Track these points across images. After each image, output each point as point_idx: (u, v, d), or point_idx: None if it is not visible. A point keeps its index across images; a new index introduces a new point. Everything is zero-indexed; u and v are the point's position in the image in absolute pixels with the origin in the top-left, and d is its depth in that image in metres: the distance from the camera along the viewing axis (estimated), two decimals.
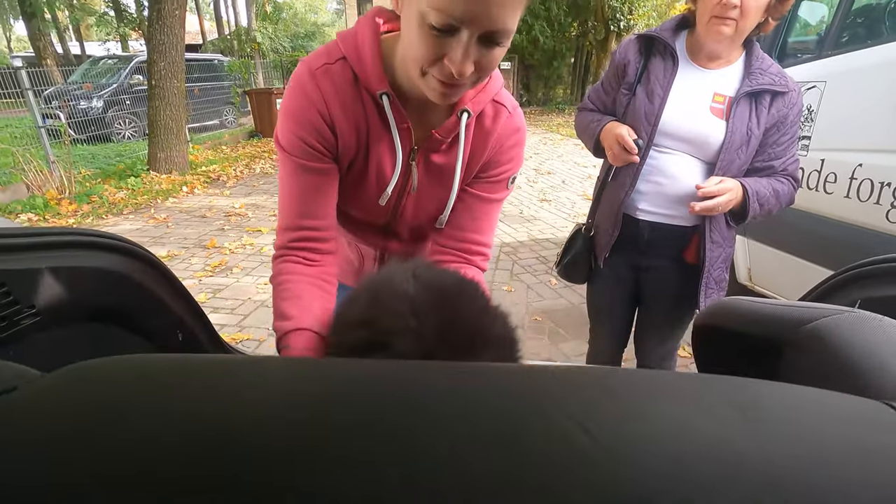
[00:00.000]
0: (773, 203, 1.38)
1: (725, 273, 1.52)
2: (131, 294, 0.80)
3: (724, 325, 0.59)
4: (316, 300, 0.84)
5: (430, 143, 0.87)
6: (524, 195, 6.18)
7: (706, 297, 1.47)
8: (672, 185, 1.42)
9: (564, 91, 16.61)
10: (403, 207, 0.97)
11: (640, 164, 1.43)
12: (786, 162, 1.40)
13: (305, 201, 0.85)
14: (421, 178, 0.91)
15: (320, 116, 0.80)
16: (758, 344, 0.55)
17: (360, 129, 0.84)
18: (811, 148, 2.33)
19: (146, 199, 5.81)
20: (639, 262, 1.56)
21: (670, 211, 1.45)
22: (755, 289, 2.85)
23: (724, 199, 1.31)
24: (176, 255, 4.16)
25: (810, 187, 2.33)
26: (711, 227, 1.42)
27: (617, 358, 1.82)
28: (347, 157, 0.87)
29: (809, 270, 2.34)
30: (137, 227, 4.88)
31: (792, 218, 2.44)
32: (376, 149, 0.87)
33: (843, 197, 2.16)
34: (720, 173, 1.36)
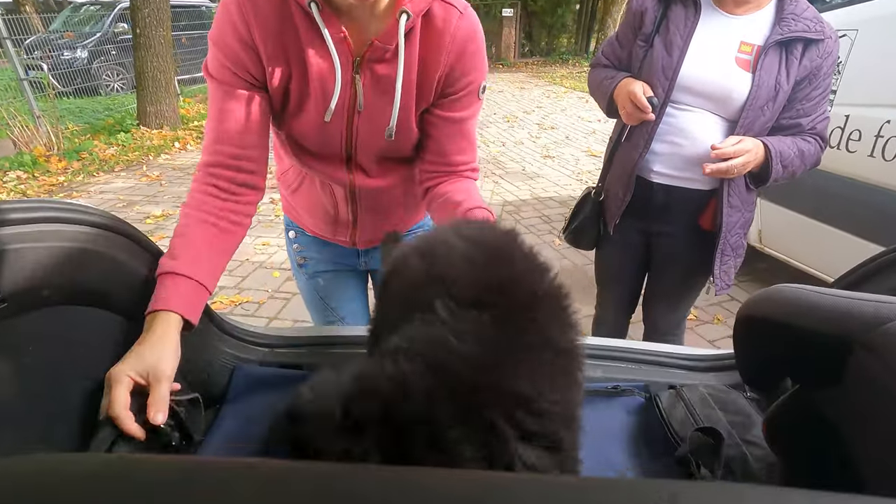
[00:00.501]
0: (797, 165, 1.27)
1: (743, 239, 1.43)
2: (106, 271, 0.72)
3: (774, 317, 0.52)
4: (207, 244, 0.80)
5: (372, 53, 0.81)
6: (526, 151, 6.01)
7: (721, 264, 1.40)
8: (690, 145, 1.31)
9: (569, 40, 15.93)
10: (356, 130, 0.90)
11: (655, 123, 1.32)
12: (815, 119, 1.28)
13: (224, 127, 0.83)
14: (368, 94, 0.85)
15: (242, 41, 0.78)
16: (818, 341, 0.48)
17: (288, 49, 0.80)
18: (836, 102, 2.19)
19: (137, 155, 5.64)
20: (650, 227, 1.48)
21: (687, 173, 1.34)
22: (765, 251, 2.79)
23: (741, 161, 1.21)
24: (170, 214, 4.06)
25: (831, 145, 2.21)
26: (730, 191, 1.32)
27: (623, 325, 1.77)
28: (280, 80, 0.83)
29: (826, 234, 2.27)
30: (130, 185, 4.75)
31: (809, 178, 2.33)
32: (315, 67, 0.81)
33: (867, 156, 2.05)
34: (741, 132, 1.25)
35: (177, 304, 0.72)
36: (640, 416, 0.89)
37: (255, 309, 2.80)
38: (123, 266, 0.73)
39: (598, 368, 1.00)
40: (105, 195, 4.48)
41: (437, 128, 0.91)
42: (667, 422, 0.83)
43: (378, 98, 0.86)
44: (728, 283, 1.43)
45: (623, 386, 0.94)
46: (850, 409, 0.49)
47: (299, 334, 1.04)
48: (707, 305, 2.85)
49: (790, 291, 0.51)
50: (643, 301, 1.69)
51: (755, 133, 1.26)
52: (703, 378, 0.95)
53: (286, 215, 1.24)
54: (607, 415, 0.90)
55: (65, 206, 0.67)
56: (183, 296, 0.73)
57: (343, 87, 0.83)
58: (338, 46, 0.79)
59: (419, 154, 0.98)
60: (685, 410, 0.83)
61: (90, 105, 7.93)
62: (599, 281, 1.74)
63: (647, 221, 1.47)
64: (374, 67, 0.83)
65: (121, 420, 0.60)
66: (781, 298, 0.52)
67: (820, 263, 2.39)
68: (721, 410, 0.80)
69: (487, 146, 6.22)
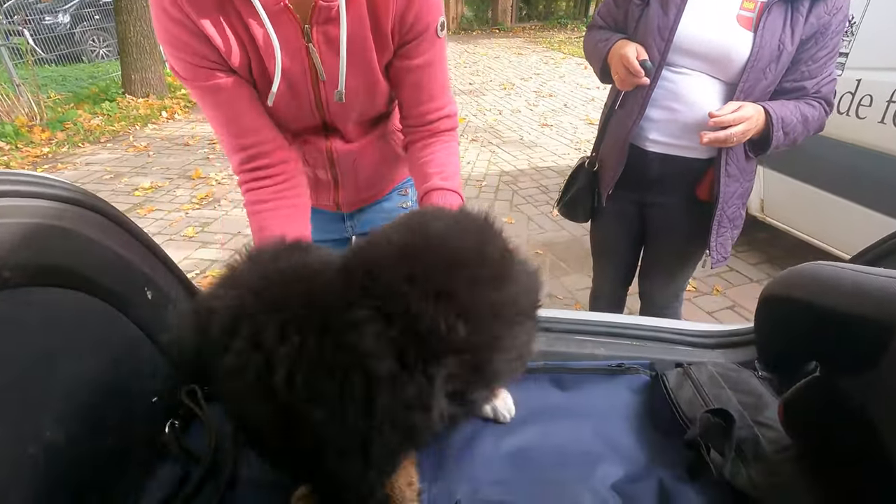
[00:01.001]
0: (799, 131, 1.20)
1: (741, 210, 1.37)
2: (85, 252, 0.67)
3: (805, 298, 0.48)
4: (289, 225, 0.84)
5: (318, 15, 0.77)
6: (524, 120, 5.87)
7: (718, 236, 1.35)
8: (687, 111, 1.23)
9: (568, 4, 15.44)
10: (325, 98, 0.87)
11: (650, 88, 1.24)
12: (820, 82, 1.19)
13: (229, 121, 0.83)
14: (326, 59, 0.81)
15: (187, 31, 0.74)
16: (857, 324, 0.44)
17: (236, 28, 0.76)
18: (847, 66, 2.11)
19: (124, 125, 5.48)
20: (645, 198, 1.42)
21: (683, 141, 1.27)
22: (766, 220, 2.74)
23: (741, 129, 1.14)
24: (160, 186, 3.96)
25: (841, 111, 2.14)
26: (728, 159, 1.25)
27: (621, 297, 1.74)
28: (241, 61, 0.79)
29: (831, 203, 2.22)
30: (117, 157, 4.62)
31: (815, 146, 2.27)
32: (263, 43, 0.77)
33: (878, 122, 1.98)
34: (741, 97, 1.17)
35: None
36: (646, 396, 0.86)
37: None
38: (94, 244, 0.68)
39: (601, 346, 0.96)
40: (91, 167, 4.35)
41: (402, 78, 0.88)
42: (674, 402, 0.80)
43: (337, 61, 0.81)
44: (724, 255, 1.39)
45: (627, 364, 0.91)
46: (886, 394, 0.45)
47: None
48: (706, 276, 2.82)
49: (826, 270, 0.46)
50: (639, 275, 1.65)
51: (756, 97, 1.19)
52: (710, 355, 0.92)
53: None
54: (611, 394, 0.87)
55: (25, 179, 0.61)
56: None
57: (296, 58, 0.79)
58: (280, 17, 0.75)
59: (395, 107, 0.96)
60: (693, 390, 0.80)
61: (73, 72, 7.66)
62: (595, 253, 1.70)
63: (641, 192, 1.41)
64: (326, 30, 0.78)
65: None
66: (816, 277, 0.47)
67: (824, 234, 2.35)
68: (731, 390, 0.77)
69: (484, 114, 6.08)
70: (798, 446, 0.62)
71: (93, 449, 0.67)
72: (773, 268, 2.89)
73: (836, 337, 0.46)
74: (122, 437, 0.72)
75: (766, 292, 0.54)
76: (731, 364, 0.86)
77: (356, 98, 0.88)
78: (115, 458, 0.71)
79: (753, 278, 2.81)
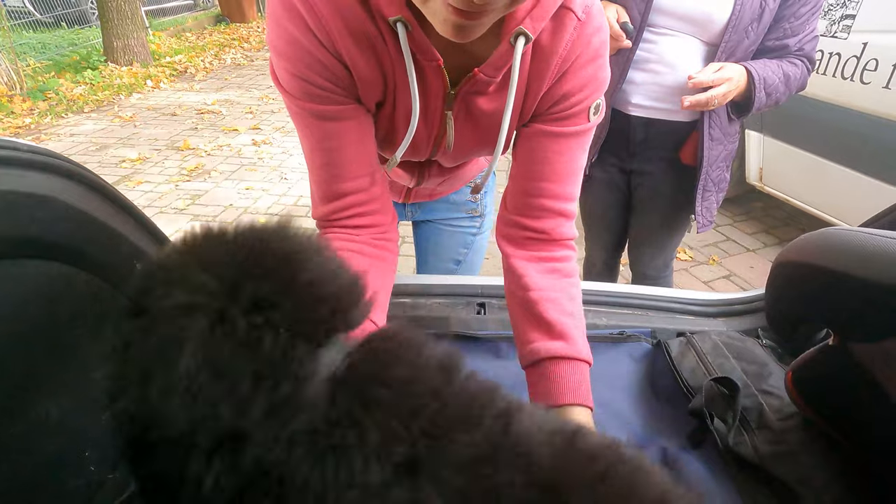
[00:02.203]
0: (781, 91, 1.18)
1: (726, 173, 1.37)
2: (73, 223, 0.64)
3: (825, 264, 0.46)
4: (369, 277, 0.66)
5: (472, 86, 0.63)
6: None
7: (703, 200, 1.34)
8: (670, 73, 1.21)
9: None
10: (440, 157, 0.78)
11: (631, 51, 1.21)
12: (802, 40, 1.17)
13: (332, 161, 0.65)
14: (461, 132, 0.69)
15: (321, 45, 0.58)
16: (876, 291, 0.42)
17: (383, 64, 0.61)
18: (854, 29, 2.05)
19: (108, 94, 5.30)
20: (631, 165, 1.40)
21: (667, 104, 1.25)
22: (764, 189, 2.72)
23: (722, 91, 1.12)
24: (147, 157, 3.87)
25: (845, 76, 2.10)
26: (711, 122, 1.24)
27: (613, 266, 1.74)
28: (372, 100, 0.64)
29: (833, 172, 2.20)
30: (102, 128, 4.49)
31: (815, 111, 2.24)
32: (403, 94, 0.64)
33: (882, 87, 1.94)
34: (723, 57, 1.15)
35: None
36: (647, 364, 0.86)
37: None
38: (75, 212, 0.64)
39: (602, 315, 0.95)
40: (76, 138, 4.23)
41: (530, 142, 0.70)
42: (677, 370, 0.79)
43: (472, 134, 0.70)
44: (710, 219, 1.39)
45: (628, 331, 0.90)
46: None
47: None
48: (702, 246, 2.82)
49: (846, 236, 0.44)
50: (629, 246, 1.65)
51: (738, 58, 1.17)
52: (712, 324, 0.91)
53: None
54: (612, 362, 0.86)
55: (30, 149, 0.58)
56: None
57: (429, 122, 0.67)
58: (428, 75, 0.61)
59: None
60: (696, 359, 0.79)
61: (52, 40, 7.37)
62: (585, 222, 1.69)
63: (626, 159, 1.40)
64: (474, 101, 0.65)
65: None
66: (835, 243, 0.45)
67: (824, 203, 2.34)
68: (735, 359, 0.76)
69: None
70: (805, 415, 0.62)
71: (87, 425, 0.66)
72: (769, 237, 2.89)
73: (853, 304, 0.44)
74: None
75: (780, 258, 0.52)
76: (734, 333, 0.85)
77: (471, 153, 0.77)
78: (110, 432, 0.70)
79: (749, 248, 2.81)
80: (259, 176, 3.59)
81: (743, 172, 2.82)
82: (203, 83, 5.99)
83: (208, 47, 7.59)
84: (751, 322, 0.87)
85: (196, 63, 6.68)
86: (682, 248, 2.78)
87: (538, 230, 0.70)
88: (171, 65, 6.44)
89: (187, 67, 6.50)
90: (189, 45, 7.69)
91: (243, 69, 6.52)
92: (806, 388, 0.58)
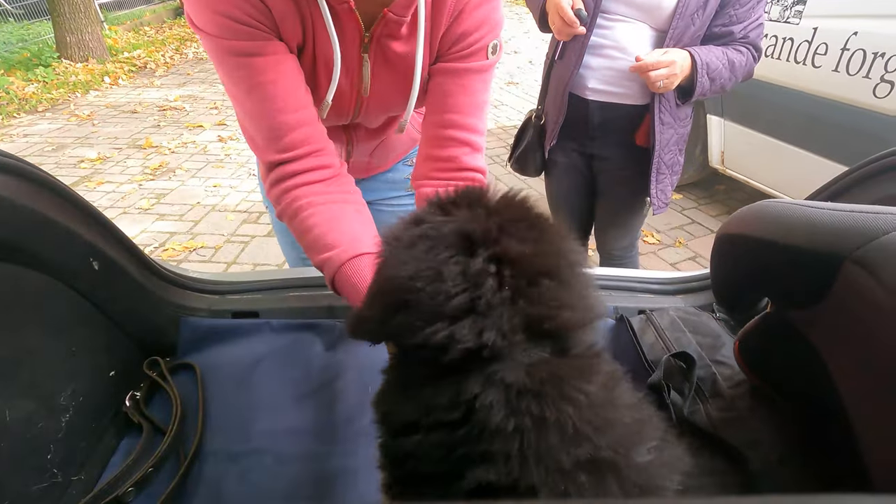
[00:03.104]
0: (726, 77, 1.24)
1: (679, 157, 1.43)
2: (21, 222, 0.62)
3: (760, 235, 0.49)
4: (354, 220, 0.68)
5: (384, 28, 0.66)
6: None
7: (658, 182, 1.40)
8: (622, 58, 1.27)
9: None
10: (362, 109, 0.79)
11: (586, 37, 1.27)
12: (748, 27, 1.23)
13: (269, 95, 0.64)
14: (377, 78, 0.72)
15: None
16: (805, 258, 0.45)
17: (301, 8, 0.63)
18: (805, 14, 2.13)
19: (63, 92, 5.09)
20: (591, 149, 1.45)
21: (621, 88, 1.31)
22: (727, 172, 2.81)
23: (665, 73, 1.17)
24: (108, 157, 3.74)
25: (797, 61, 2.18)
26: (661, 106, 1.30)
27: None
28: (293, 40, 0.65)
29: (788, 153, 2.28)
30: (58, 127, 4.31)
31: (771, 95, 2.32)
32: (321, 40, 0.66)
33: (832, 70, 2.02)
34: (671, 43, 1.21)
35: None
36: (610, 339, 0.89)
37: (212, 254, 2.67)
38: (26, 211, 0.63)
39: None
40: (30, 138, 4.05)
41: (435, 80, 0.75)
42: (639, 345, 0.82)
43: (389, 80, 0.72)
44: (665, 201, 1.45)
45: None
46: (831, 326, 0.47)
47: (253, 278, 0.96)
48: (669, 229, 2.90)
49: (777, 207, 0.47)
50: (595, 230, 1.70)
51: (685, 44, 1.23)
52: (671, 301, 0.95)
53: None
54: None
55: None
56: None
57: (349, 68, 0.68)
58: (341, 18, 0.63)
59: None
60: (655, 334, 0.83)
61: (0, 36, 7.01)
62: (551, 207, 1.72)
63: (585, 142, 1.44)
64: (388, 46, 0.68)
65: None
66: (769, 215, 0.48)
67: (782, 184, 2.43)
68: (691, 333, 0.80)
69: None
70: (751, 381, 0.65)
71: (47, 427, 0.65)
72: None
73: (786, 272, 0.47)
74: (79, 413, 0.70)
75: (720, 231, 0.55)
76: (690, 308, 0.88)
77: (392, 106, 0.79)
78: (74, 434, 0.68)
79: (713, 229, 2.90)
80: (226, 172, 3.52)
81: (706, 156, 2.90)
82: (164, 79, 5.80)
83: (168, 41, 7.35)
84: (706, 297, 0.91)
85: (156, 58, 6.47)
86: (650, 232, 2.85)
87: (445, 158, 0.75)
88: (130, 60, 6.22)
89: (147, 63, 6.29)
90: (148, 39, 7.43)
91: (206, 63, 6.33)
92: (751, 355, 0.61)
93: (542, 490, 0.34)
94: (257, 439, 0.74)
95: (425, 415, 0.38)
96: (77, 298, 0.72)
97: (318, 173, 0.68)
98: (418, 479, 0.39)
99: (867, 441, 0.43)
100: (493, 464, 0.35)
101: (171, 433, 0.70)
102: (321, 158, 0.69)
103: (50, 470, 0.64)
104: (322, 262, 0.66)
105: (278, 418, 0.76)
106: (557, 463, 0.35)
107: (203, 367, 0.82)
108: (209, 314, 0.90)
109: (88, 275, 0.73)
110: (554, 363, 0.39)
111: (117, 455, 0.73)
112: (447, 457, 0.36)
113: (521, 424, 0.35)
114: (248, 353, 0.85)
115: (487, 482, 0.35)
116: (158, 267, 0.88)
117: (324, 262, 0.66)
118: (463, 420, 0.36)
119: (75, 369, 0.71)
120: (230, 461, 0.71)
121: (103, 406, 0.76)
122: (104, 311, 0.76)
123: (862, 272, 0.40)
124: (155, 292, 0.85)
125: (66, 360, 0.70)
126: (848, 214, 0.43)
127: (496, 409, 0.35)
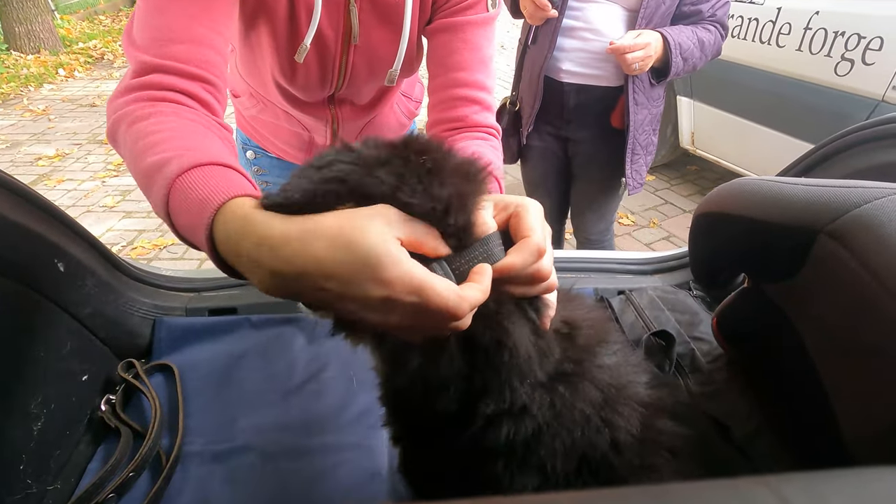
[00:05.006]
0: (697, 56, 1.28)
1: (653, 137, 1.45)
2: None
3: (735, 211, 0.49)
4: (214, 140, 0.50)
5: None
6: None
7: (633, 163, 1.43)
8: (596, 39, 1.29)
9: None
10: (350, 66, 0.76)
11: (558, 20, 1.29)
12: (715, 6, 1.28)
13: (167, 11, 0.53)
14: (366, 22, 0.70)
15: None
16: (779, 234, 0.46)
17: None
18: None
19: (14, 87, 4.83)
20: (567, 132, 1.47)
21: (595, 70, 1.33)
22: (697, 153, 2.87)
23: (640, 55, 1.20)
24: (67, 153, 3.58)
25: (763, 41, 2.22)
26: (635, 87, 1.32)
27: (558, 232, 1.81)
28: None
29: (755, 132, 2.34)
30: (11, 123, 4.10)
31: (738, 75, 2.37)
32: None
33: (795, 50, 2.07)
34: (643, 23, 1.24)
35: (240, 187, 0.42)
36: None
37: (184, 251, 2.59)
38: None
39: None
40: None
41: (436, 40, 0.72)
42: (620, 326, 0.83)
43: (378, 27, 0.69)
44: (640, 182, 1.48)
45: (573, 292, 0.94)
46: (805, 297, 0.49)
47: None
48: (643, 210, 2.95)
49: (752, 184, 0.48)
50: (572, 214, 1.72)
51: (656, 23, 1.25)
52: (649, 281, 0.96)
53: (241, 132, 1.06)
54: None
55: None
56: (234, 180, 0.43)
57: (333, 15, 0.65)
58: None
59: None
60: (635, 314, 0.84)
61: None
62: (528, 192, 1.73)
63: (561, 126, 1.45)
64: None
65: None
66: (744, 192, 0.48)
67: (750, 163, 2.49)
68: (669, 311, 0.81)
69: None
70: (729, 355, 0.67)
71: (17, 437, 0.62)
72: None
73: (763, 247, 0.48)
74: (52, 419, 0.67)
75: (697, 210, 0.56)
76: (668, 287, 0.90)
77: (382, 63, 0.75)
78: (47, 442, 0.66)
79: (686, 209, 2.97)
80: None
81: (677, 137, 2.95)
82: (123, 70, 5.57)
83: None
84: (683, 276, 0.93)
85: (114, 48, 6.19)
86: (625, 214, 2.90)
87: (455, 118, 0.71)
88: (86, 51, 5.94)
89: (104, 53, 6.02)
90: (104, 28, 7.11)
91: None
92: (728, 330, 0.62)
93: (532, 408, 0.40)
94: (242, 437, 0.72)
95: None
96: (42, 302, 0.69)
97: (194, 102, 0.52)
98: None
99: (840, 408, 0.44)
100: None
101: (150, 436, 0.69)
102: (208, 94, 0.54)
103: (24, 481, 0.61)
104: (152, 166, 0.44)
105: (262, 415, 0.75)
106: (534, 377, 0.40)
107: (181, 368, 0.80)
108: (185, 313, 0.87)
109: (53, 277, 0.70)
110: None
111: (95, 461, 0.71)
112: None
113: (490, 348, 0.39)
114: (227, 351, 0.83)
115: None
116: (128, 266, 0.84)
117: (156, 168, 0.44)
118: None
119: (44, 376, 0.68)
120: (215, 461, 0.69)
121: (77, 412, 0.73)
122: (72, 314, 0.73)
123: (836, 245, 0.41)
124: (126, 292, 0.82)
125: (33, 367, 0.67)
126: (822, 189, 0.44)
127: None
